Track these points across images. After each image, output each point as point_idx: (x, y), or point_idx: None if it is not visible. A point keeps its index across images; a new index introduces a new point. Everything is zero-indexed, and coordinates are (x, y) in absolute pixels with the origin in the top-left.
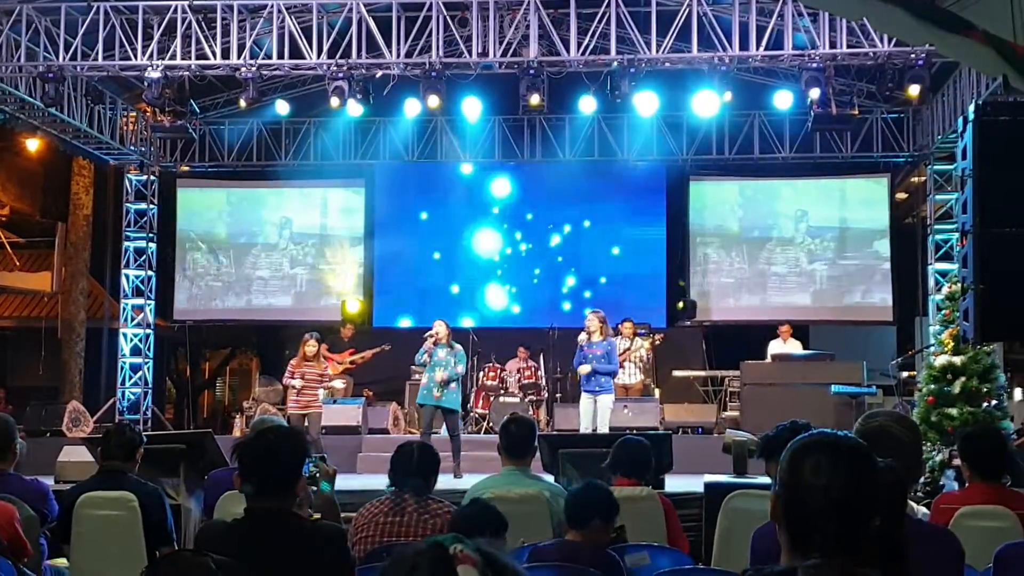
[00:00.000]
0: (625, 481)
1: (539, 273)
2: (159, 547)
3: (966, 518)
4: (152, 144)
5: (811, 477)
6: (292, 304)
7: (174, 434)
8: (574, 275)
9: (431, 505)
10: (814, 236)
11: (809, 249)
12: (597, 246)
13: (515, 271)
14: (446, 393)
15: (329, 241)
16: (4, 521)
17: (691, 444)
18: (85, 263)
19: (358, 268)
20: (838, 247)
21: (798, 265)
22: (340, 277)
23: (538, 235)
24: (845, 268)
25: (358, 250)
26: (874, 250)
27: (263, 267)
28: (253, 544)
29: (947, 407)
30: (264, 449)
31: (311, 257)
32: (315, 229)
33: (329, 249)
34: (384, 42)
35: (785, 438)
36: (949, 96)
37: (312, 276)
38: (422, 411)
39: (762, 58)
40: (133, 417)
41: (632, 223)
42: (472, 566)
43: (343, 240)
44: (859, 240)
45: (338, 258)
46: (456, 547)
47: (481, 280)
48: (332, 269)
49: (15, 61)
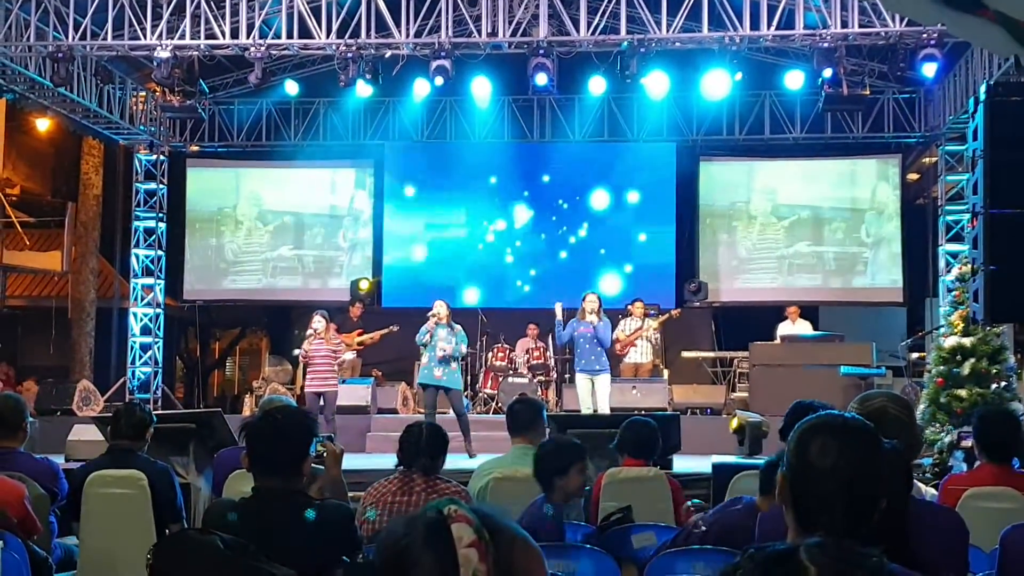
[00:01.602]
0: (632, 462)
1: (547, 253)
2: (168, 525)
3: (974, 499)
4: (162, 124)
5: (818, 459)
6: (302, 284)
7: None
8: (583, 255)
9: (439, 485)
10: (824, 217)
11: (819, 230)
12: (606, 227)
13: (524, 251)
14: (447, 372)
15: (338, 221)
16: (14, 499)
17: (699, 425)
18: (95, 243)
19: (367, 248)
20: (848, 228)
21: (808, 246)
22: (349, 257)
23: (547, 216)
24: (855, 249)
25: (367, 230)
26: (885, 231)
27: (272, 247)
28: (260, 523)
29: (956, 388)
30: (271, 429)
31: (320, 237)
32: (324, 209)
33: (338, 229)
34: (393, 21)
35: None
36: (961, 76)
37: (321, 256)
38: (424, 392)
39: (773, 38)
40: (143, 396)
41: (642, 204)
42: (467, 524)
43: (352, 220)
44: (870, 221)
45: (347, 238)
46: (451, 508)
47: (489, 260)
48: (341, 249)
49: (24, 41)
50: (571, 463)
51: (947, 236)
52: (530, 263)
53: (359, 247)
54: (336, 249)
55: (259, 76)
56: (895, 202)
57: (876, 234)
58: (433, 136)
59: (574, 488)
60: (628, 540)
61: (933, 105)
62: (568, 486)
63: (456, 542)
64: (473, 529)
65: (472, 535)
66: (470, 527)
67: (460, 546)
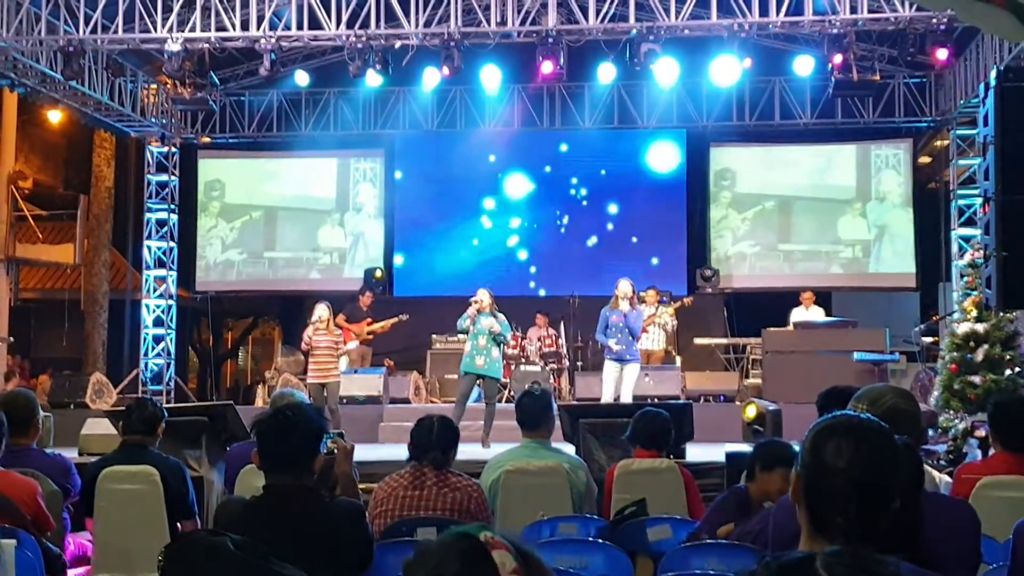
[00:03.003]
0: (645, 453)
1: (559, 241)
2: (181, 520)
3: (988, 488)
4: (173, 116)
5: (833, 460)
6: (313, 274)
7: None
8: (594, 243)
9: (451, 479)
10: (836, 201)
11: (831, 215)
12: (617, 214)
13: (535, 240)
14: (489, 361)
15: (349, 210)
16: (27, 496)
17: (712, 412)
18: (107, 235)
19: (378, 237)
20: (860, 212)
21: (819, 231)
22: (360, 246)
23: (557, 204)
24: (867, 234)
25: (378, 219)
26: (896, 215)
27: (284, 237)
28: (271, 522)
29: (970, 375)
30: (281, 427)
31: (331, 226)
32: (335, 198)
33: (349, 218)
34: (403, 12)
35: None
36: (972, 60)
37: (332, 246)
38: (463, 379)
39: (782, 24)
40: (156, 388)
41: (652, 190)
42: (506, 551)
43: (363, 209)
44: (881, 205)
45: (358, 227)
46: (486, 534)
47: (499, 248)
48: (352, 238)
49: (36, 35)
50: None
51: (960, 220)
52: (540, 251)
53: (370, 236)
54: (347, 238)
55: (269, 67)
56: (907, 187)
57: (888, 219)
58: (443, 125)
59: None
60: (643, 534)
61: (944, 89)
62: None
63: (500, 568)
64: (512, 556)
65: (513, 562)
66: (510, 554)
67: (504, 572)
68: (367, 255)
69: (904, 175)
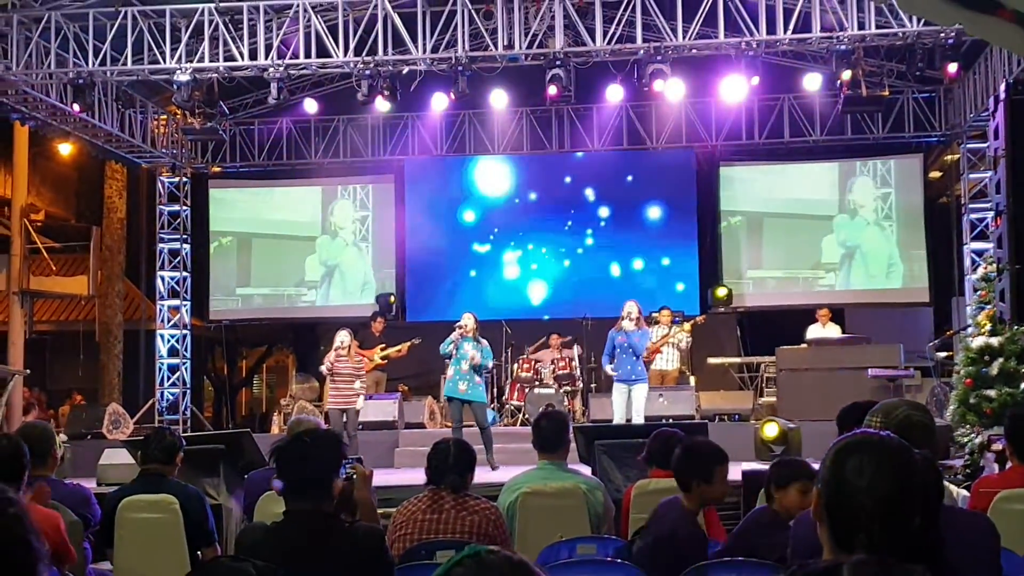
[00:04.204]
0: (661, 473)
1: (571, 264)
2: (201, 548)
3: (1006, 502)
4: (183, 146)
5: (855, 478)
6: (326, 301)
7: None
8: (606, 265)
9: (469, 502)
10: (847, 219)
11: (842, 232)
12: (628, 235)
13: (547, 262)
14: (472, 386)
15: (361, 237)
16: (50, 528)
17: (728, 431)
18: (120, 266)
19: (390, 263)
20: (872, 229)
21: (831, 248)
22: (372, 272)
23: (567, 225)
24: (879, 250)
25: (390, 245)
26: (908, 231)
27: (296, 265)
28: (292, 547)
29: (985, 389)
30: (299, 452)
31: (343, 254)
32: (346, 225)
33: (361, 245)
34: (410, 37)
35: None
36: (980, 74)
37: (345, 272)
38: (450, 404)
39: (790, 41)
40: (172, 417)
41: (663, 211)
42: None
43: (374, 236)
44: (893, 221)
45: (370, 253)
46: None
47: (511, 271)
48: (365, 264)
49: (45, 68)
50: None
51: (972, 234)
52: (552, 273)
53: (382, 262)
54: (359, 265)
55: (277, 96)
56: (918, 202)
57: (900, 234)
58: (452, 150)
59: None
60: None
61: (953, 103)
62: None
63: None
64: None
65: None
66: None
67: None
68: (379, 281)
69: (915, 190)
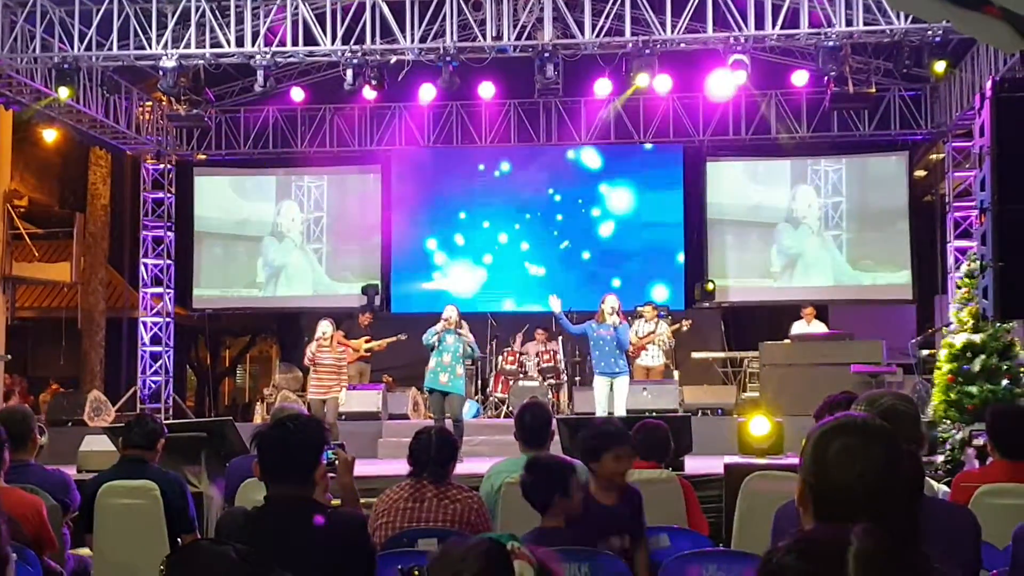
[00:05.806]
0: (644, 464)
1: (556, 257)
2: (181, 535)
3: (986, 496)
4: (168, 133)
5: (838, 461)
6: (310, 291)
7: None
8: (591, 259)
9: (450, 491)
10: (832, 215)
11: (827, 228)
12: (614, 229)
13: (533, 255)
14: (452, 379)
15: (346, 227)
16: (31, 513)
17: (711, 425)
18: (104, 253)
19: (376, 254)
20: (857, 226)
21: (816, 245)
22: (357, 263)
23: (554, 219)
24: (864, 247)
25: (375, 236)
26: (893, 228)
27: (281, 254)
28: (273, 532)
29: (967, 385)
30: (282, 438)
31: (328, 244)
32: (332, 215)
33: (346, 235)
34: (398, 27)
35: None
36: (967, 72)
37: (330, 262)
38: (431, 396)
39: (778, 37)
40: (154, 406)
41: (649, 205)
42: (528, 564)
43: (360, 226)
44: (878, 218)
45: (355, 244)
46: (514, 544)
47: (498, 265)
48: (350, 255)
49: (30, 52)
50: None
51: (956, 232)
52: (538, 266)
53: (367, 253)
54: (344, 255)
55: (264, 83)
56: (903, 199)
57: (884, 231)
58: (439, 141)
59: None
60: None
61: (939, 102)
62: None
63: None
64: (534, 570)
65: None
66: (531, 568)
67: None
68: (364, 271)
69: (900, 188)
